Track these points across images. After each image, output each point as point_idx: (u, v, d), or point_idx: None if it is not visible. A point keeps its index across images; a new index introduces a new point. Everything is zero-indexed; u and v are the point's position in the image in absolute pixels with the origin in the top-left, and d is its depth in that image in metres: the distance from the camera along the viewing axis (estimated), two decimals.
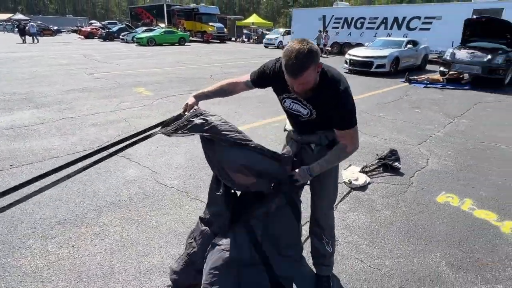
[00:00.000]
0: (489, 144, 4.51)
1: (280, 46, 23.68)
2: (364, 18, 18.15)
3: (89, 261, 2.08)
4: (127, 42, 24.36)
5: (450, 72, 9.46)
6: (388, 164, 3.53)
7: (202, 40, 28.56)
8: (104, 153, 1.69)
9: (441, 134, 4.87)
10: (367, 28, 18.16)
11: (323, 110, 1.51)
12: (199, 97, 1.75)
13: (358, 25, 18.56)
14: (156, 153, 3.82)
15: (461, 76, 9.67)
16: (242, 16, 48.56)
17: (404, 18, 16.50)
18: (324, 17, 20.15)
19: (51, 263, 2.06)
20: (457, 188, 3.22)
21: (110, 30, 27.66)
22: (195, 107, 1.68)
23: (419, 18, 16.02)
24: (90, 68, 10.51)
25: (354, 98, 1.48)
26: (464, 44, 9.81)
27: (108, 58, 13.54)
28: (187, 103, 1.71)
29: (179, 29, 27.70)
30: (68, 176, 1.55)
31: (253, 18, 32.00)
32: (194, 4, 32.58)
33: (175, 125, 1.64)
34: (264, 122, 5.23)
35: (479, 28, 9.47)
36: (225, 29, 29.91)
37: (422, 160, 3.88)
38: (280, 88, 1.62)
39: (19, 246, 2.21)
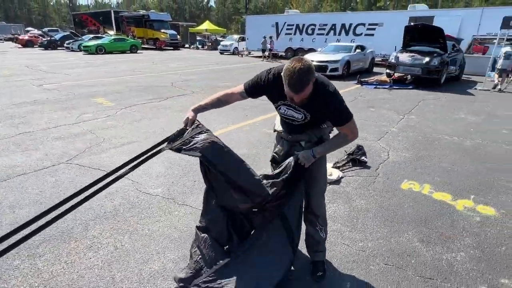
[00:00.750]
0: (436, 136, 5.12)
1: (235, 52, 23.96)
2: (315, 25, 19.16)
3: (87, 274, 2.05)
4: (73, 51, 22.91)
5: (396, 74, 10.43)
6: (356, 158, 3.87)
7: (155, 47, 27.87)
8: (113, 176, 1.72)
9: (396, 130, 5.41)
10: (318, 34, 19.19)
11: (317, 113, 1.71)
12: (198, 110, 1.84)
13: (309, 31, 19.53)
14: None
15: (405, 77, 10.70)
16: (194, 22, 48.22)
17: (350, 24, 17.74)
18: (277, 23, 20.87)
19: (46, 281, 2.00)
20: (416, 175, 3.65)
21: (53, 38, 25.78)
22: (196, 121, 1.78)
23: (363, 24, 17.33)
24: (38, 79, 9.79)
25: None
26: (405, 48, 10.88)
27: (55, 68, 12.68)
28: (187, 118, 1.79)
29: (130, 36, 26.73)
30: (74, 207, 1.56)
31: (207, 25, 31.97)
32: (144, 11, 31.67)
33: (181, 141, 1.70)
34: (236, 127, 5.36)
35: (417, 34, 10.58)
36: (178, 36, 29.52)
37: (383, 153, 4.30)
38: (275, 97, 1.80)
39: (5, 268, 2.10)
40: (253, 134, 4.97)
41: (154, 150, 1.75)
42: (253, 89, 1.83)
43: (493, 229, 2.66)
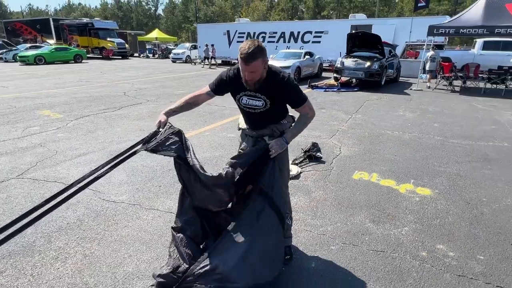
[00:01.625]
0: (380, 131, 5.68)
1: (188, 60, 23.79)
2: (265, 33, 19.83)
3: (58, 284, 2.02)
4: (6, 61, 21.03)
5: (342, 78, 11.24)
6: (312, 155, 4.18)
7: (101, 56, 26.59)
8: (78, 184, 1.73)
9: (345, 128, 5.89)
10: (269, 41, 19.85)
11: (274, 97, 1.90)
12: (169, 114, 1.95)
13: (260, 39, 20.08)
14: None
15: (350, 80, 11.56)
16: (141, 31, 46.88)
17: (298, 32, 18.66)
18: (228, 32, 21.20)
19: None
20: (365, 166, 4.05)
21: None
22: (168, 124, 1.88)
23: (310, 32, 18.34)
24: None
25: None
26: (349, 54, 11.78)
27: None
28: (159, 121, 1.89)
29: (73, 46, 25.19)
30: (43, 214, 1.57)
31: (156, 33, 31.29)
32: (88, 19, 30.09)
33: (155, 142, 1.78)
34: (196, 133, 5.43)
35: (358, 41, 11.53)
36: (127, 45, 28.50)
37: (336, 149, 4.68)
38: (237, 89, 1.97)
39: None
40: (214, 139, 5.09)
41: (130, 152, 1.81)
42: (218, 87, 2.01)
43: (430, 206, 3.09)
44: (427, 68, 11.63)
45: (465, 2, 50.46)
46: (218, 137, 5.21)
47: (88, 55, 24.84)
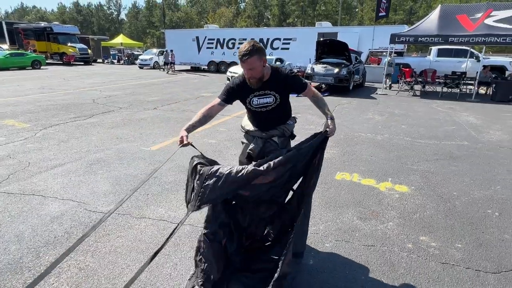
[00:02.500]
0: (354, 134, 5.98)
1: (156, 66, 23.30)
2: (235, 39, 19.99)
3: None
4: None
5: (313, 83, 11.62)
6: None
7: (61, 62, 25.26)
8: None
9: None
10: (239, 48, 20.01)
11: (281, 90, 2.07)
12: (189, 130, 2.01)
13: (230, 45, 20.27)
14: (73, 185, 3.52)
15: (320, 85, 11.99)
16: (103, 36, 45.18)
17: (268, 39, 19.04)
18: (197, 37, 21.11)
19: None
20: (345, 167, 4.25)
21: None
22: (194, 161, 1.87)
23: (279, 39, 18.79)
24: None
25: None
26: (318, 60, 12.23)
27: None
28: (182, 136, 1.95)
29: (29, 51, 23.68)
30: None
31: (121, 38, 30.29)
32: (46, 23, 28.49)
33: (197, 198, 1.74)
34: (175, 139, 5.35)
35: (326, 48, 12.02)
36: (89, 50, 27.34)
37: None
38: (245, 93, 2.10)
39: None
40: (196, 145, 5.05)
41: (184, 218, 1.70)
42: (228, 96, 2.11)
43: (408, 201, 3.32)
44: (385, 72, 12.45)
45: (418, 12, 54.35)
46: (199, 143, 5.19)
47: (47, 61, 23.48)
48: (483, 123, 7.15)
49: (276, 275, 1.74)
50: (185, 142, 1.92)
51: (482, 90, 12.15)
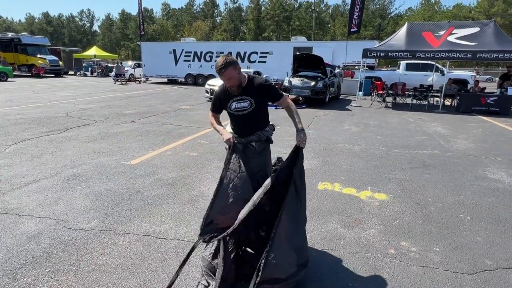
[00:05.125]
0: (333, 144, 6.16)
1: (132, 79, 22.90)
2: (212, 52, 20.13)
3: None
4: None
5: (290, 96, 11.88)
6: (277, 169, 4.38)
7: (30, 74, 24.25)
8: None
9: None
10: (216, 61, 20.15)
11: (258, 96, 2.32)
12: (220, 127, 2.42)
13: (208, 58, 20.37)
14: (50, 202, 3.38)
15: (298, 98, 12.27)
16: (75, 47, 43.98)
17: (245, 52, 19.33)
18: (174, 50, 21.05)
19: None
20: (326, 177, 4.37)
21: None
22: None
23: (256, 53, 19.14)
24: None
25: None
26: (295, 74, 12.56)
27: None
28: (232, 137, 2.29)
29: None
30: None
31: (95, 50, 29.62)
32: (13, 34, 27.37)
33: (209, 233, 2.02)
34: (157, 153, 5.29)
35: (303, 62, 12.39)
36: (60, 62, 26.47)
37: None
38: (226, 98, 2.36)
39: None
40: (177, 158, 5.02)
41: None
42: (215, 105, 2.47)
43: (388, 209, 3.46)
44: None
45: (386, 28, 57.36)
46: (181, 156, 5.15)
47: (14, 73, 22.46)
48: (451, 132, 7.60)
49: (257, 279, 1.77)
50: (234, 140, 2.25)
51: (447, 102, 12.92)
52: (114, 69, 21.37)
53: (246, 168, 2.21)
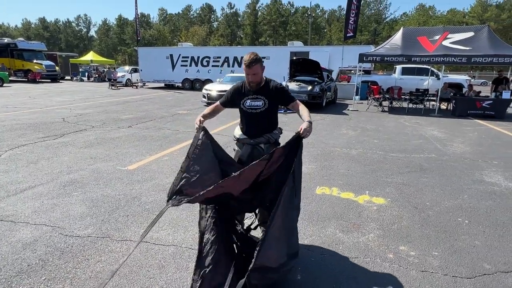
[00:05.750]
0: (330, 149, 6.17)
1: (128, 83, 22.90)
2: (209, 57, 20.18)
3: None
4: None
5: None
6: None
7: (26, 80, 24.17)
8: None
9: None
10: (213, 65, 20.23)
11: (271, 97, 2.41)
12: (205, 117, 2.43)
13: (205, 63, 20.41)
14: (46, 209, 3.34)
15: None
16: (71, 52, 43.92)
17: (242, 57, 19.35)
18: (171, 55, 21.08)
19: None
20: (324, 181, 4.37)
21: None
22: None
23: None
24: None
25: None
26: (292, 78, 12.61)
27: None
28: (200, 120, 2.31)
29: None
30: None
31: (92, 56, 29.60)
32: (9, 39, 27.30)
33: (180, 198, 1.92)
34: (154, 158, 5.27)
35: (300, 66, 12.45)
36: (57, 67, 26.42)
37: None
38: (242, 95, 2.46)
39: None
40: (175, 163, 5.00)
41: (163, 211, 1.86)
42: (227, 98, 2.55)
43: (386, 213, 3.46)
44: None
45: (381, 33, 57.88)
46: (178, 161, 5.12)
47: (10, 78, 22.36)
48: (447, 136, 7.64)
49: (251, 265, 1.78)
50: (201, 125, 2.26)
51: (443, 106, 13.02)
52: (106, 74, 22.19)
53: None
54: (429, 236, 2.98)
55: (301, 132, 2.13)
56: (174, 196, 1.95)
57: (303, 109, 2.37)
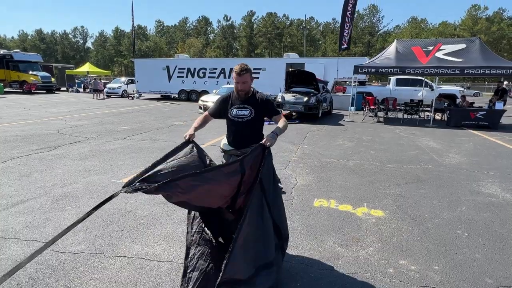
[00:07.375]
0: (327, 160, 6.15)
1: (125, 95, 22.88)
2: (206, 69, 20.30)
3: None
4: None
5: (283, 111, 11.96)
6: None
7: (21, 91, 24.07)
8: None
9: (296, 158, 6.24)
10: (209, 77, 20.34)
11: (257, 108, 2.54)
12: (196, 129, 2.50)
13: (201, 74, 20.52)
14: (38, 223, 3.26)
15: (291, 113, 12.36)
16: (68, 64, 43.96)
17: None
18: (168, 67, 21.18)
19: None
20: (322, 194, 4.33)
21: None
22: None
23: None
24: None
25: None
26: (288, 89, 12.69)
27: None
28: (189, 134, 2.38)
29: None
30: None
31: (88, 67, 29.63)
32: (5, 50, 27.29)
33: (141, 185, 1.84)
34: None
35: (295, 78, 12.55)
36: (52, 79, 26.39)
37: (292, 179, 4.92)
38: (229, 105, 2.59)
39: None
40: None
41: (112, 195, 1.76)
42: (216, 108, 2.69)
43: (385, 226, 3.42)
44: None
45: (375, 45, 58.89)
46: None
47: (5, 90, 22.27)
48: (443, 147, 7.68)
49: (219, 280, 1.77)
50: (191, 139, 2.35)
51: (438, 116, 13.14)
52: (92, 85, 22.61)
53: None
54: (429, 250, 2.93)
55: (267, 142, 2.26)
56: (135, 183, 1.85)
57: (281, 122, 2.50)
